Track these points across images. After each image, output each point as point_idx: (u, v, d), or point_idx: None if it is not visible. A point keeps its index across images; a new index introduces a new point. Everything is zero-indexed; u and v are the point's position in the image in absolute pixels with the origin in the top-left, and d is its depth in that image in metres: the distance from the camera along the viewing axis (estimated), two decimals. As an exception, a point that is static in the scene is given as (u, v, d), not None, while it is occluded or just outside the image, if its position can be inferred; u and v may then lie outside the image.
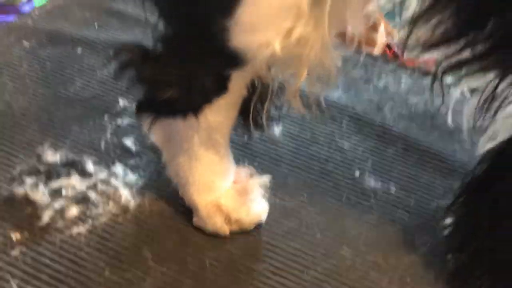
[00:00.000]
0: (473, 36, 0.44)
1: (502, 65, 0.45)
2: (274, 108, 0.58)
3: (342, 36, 0.52)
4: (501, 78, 0.46)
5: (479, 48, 0.44)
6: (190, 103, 0.50)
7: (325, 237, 0.58)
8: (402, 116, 0.74)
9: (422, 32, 0.46)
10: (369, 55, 0.85)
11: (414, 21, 0.46)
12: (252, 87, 0.53)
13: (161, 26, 0.50)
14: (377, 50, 0.99)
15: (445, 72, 0.49)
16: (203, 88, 0.49)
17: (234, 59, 0.46)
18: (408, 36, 0.47)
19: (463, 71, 0.47)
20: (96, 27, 0.83)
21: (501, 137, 0.50)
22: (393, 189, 0.63)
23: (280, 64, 0.50)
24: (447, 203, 0.57)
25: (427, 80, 0.80)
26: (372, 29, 0.83)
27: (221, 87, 0.49)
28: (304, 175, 0.64)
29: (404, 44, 0.47)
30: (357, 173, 0.65)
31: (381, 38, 0.87)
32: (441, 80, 0.49)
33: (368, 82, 0.79)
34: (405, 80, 0.79)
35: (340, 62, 0.52)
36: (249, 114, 0.54)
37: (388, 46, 0.88)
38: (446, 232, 0.57)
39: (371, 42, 0.84)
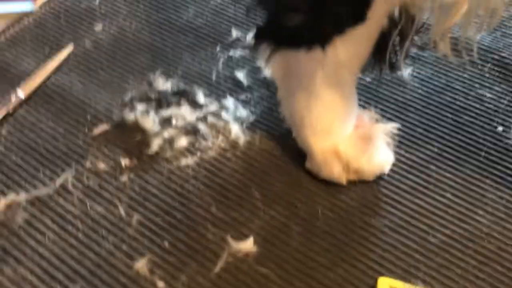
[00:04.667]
0: None
1: None
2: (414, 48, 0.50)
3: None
4: None
5: None
6: (318, 33, 0.45)
7: (457, 197, 0.50)
8: (562, 65, 0.62)
9: None
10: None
11: None
12: (392, 21, 0.46)
13: None
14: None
15: None
16: (337, 15, 0.43)
17: None
18: None
19: None
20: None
21: None
22: (544, 150, 0.54)
23: None
24: None
25: None
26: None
27: (359, 15, 0.43)
28: (436, 126, 0.56)
29: None
30: (499, 128, 0.56)
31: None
32: None
33: (520, 22, 0.67)
34: None
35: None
36: (385, 52, 0.47)
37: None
38: None
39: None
